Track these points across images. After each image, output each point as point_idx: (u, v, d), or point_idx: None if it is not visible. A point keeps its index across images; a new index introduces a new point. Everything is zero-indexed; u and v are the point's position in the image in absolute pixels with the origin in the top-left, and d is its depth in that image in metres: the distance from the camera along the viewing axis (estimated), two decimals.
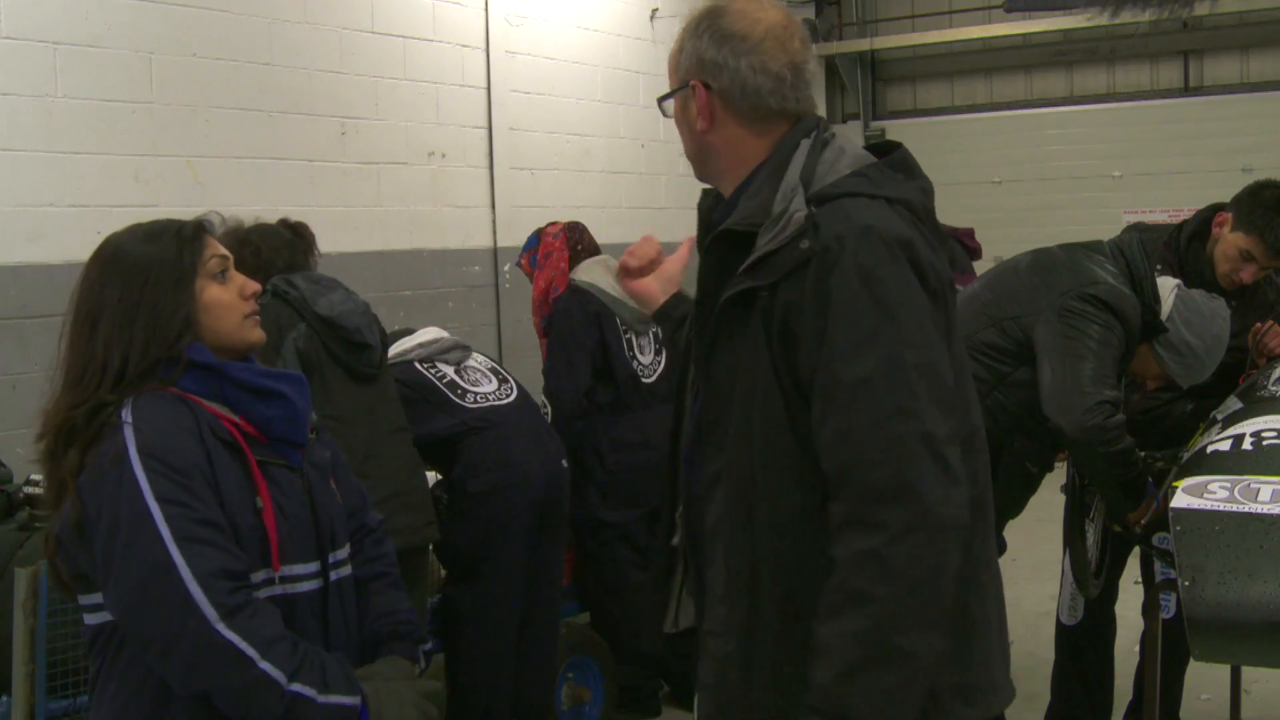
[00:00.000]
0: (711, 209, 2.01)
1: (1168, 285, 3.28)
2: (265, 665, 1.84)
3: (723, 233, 1.85)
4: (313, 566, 2.04)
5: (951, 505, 1.67)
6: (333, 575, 2.09)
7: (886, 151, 1.91)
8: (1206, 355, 3.25)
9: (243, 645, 1.83)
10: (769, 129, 1.90)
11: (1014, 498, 3.47)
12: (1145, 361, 3.30)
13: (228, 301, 2.03)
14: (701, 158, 1.97)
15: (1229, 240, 3.52)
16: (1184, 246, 3.65)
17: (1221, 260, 3.55)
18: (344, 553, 2.14)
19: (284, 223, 3.54)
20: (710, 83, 1.89)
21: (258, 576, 1.94)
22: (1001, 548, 3.36)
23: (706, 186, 2.06)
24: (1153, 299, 3.19)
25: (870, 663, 1.64)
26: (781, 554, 1.79)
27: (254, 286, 2.08)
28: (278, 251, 3.40)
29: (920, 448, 1.66)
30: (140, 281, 1.95)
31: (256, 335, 2.08)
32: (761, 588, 1.81)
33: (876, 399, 1.67)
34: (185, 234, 2.02)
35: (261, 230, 3.44)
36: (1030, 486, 3.51)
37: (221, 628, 1.82)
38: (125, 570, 1.84)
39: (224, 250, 2.07)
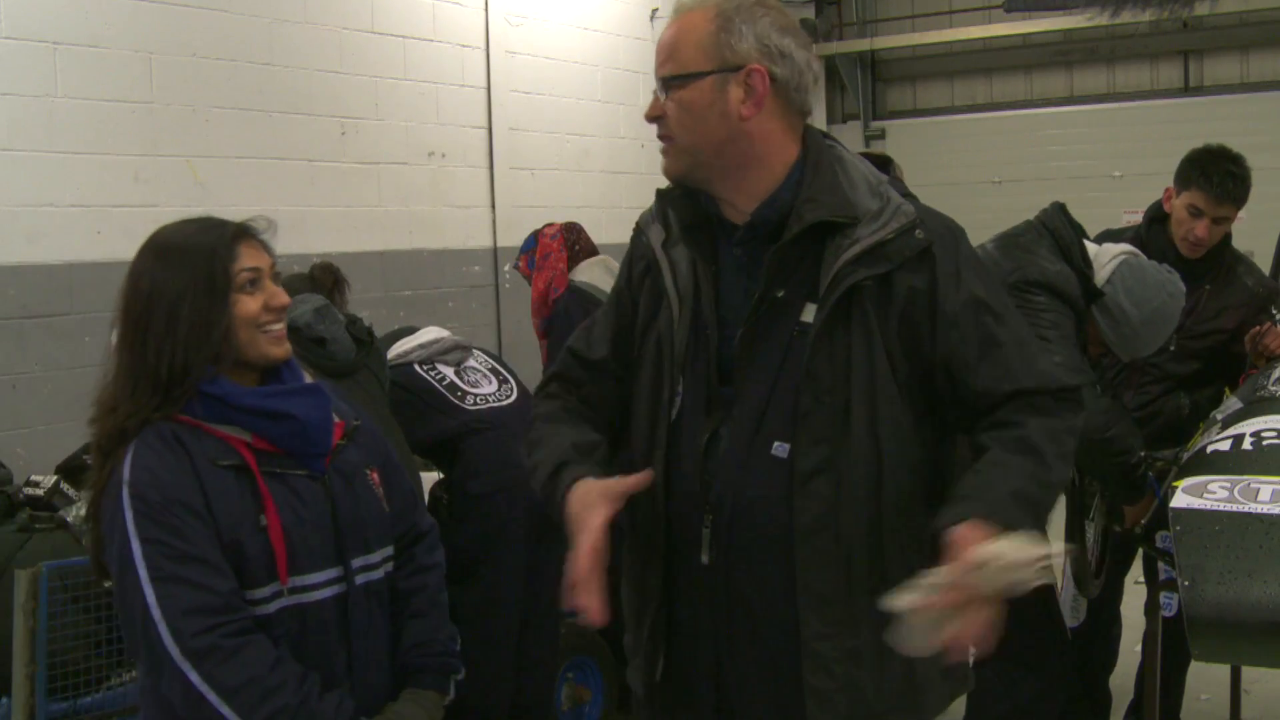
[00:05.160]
0: (691, 206, 1.97)
1: (1110, 251, 3.15)
2: (226, 711, 1.89)
3: (816, 225, 1.85)
4: (331, 573, 2.06)
5: None
6: (359, 579, 2.10)
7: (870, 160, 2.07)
8: (1143, 328, 3.08)
9: (204, 689, 1.89)
10: (796, 125, 1.93)
11: None
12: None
13: (249, 316, 2.02)
14: (724, 146, 1.87)
15: (1177, 206, 3.65)
16: (1146, 233, 3.73)
17: (1176, 227, 3.65)
18: (378, 556, 2.16)
19: (315, 269, 3.66)
20: (775, 70, 1.85)
21: (264, 591, 1.98)
22: None
23: (662, 186, 2.01)
24: (1083, 263, 3.07)
25: (1023, 499, 1.77)
26: (903, 539, 1.84)
27: (282, 299, 2.07)
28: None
29: None
30: (179, 293, 1.97)
31: (277, 350, 2.07)
32: (890, 576, 1.80)
33: (1030, 338, 1.96)
34: (224, 242, 2.02)
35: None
36: None
37: (187, 668, 1.88)
38: (120, 603, 1.97)
39: (258, 260, 2.04)
